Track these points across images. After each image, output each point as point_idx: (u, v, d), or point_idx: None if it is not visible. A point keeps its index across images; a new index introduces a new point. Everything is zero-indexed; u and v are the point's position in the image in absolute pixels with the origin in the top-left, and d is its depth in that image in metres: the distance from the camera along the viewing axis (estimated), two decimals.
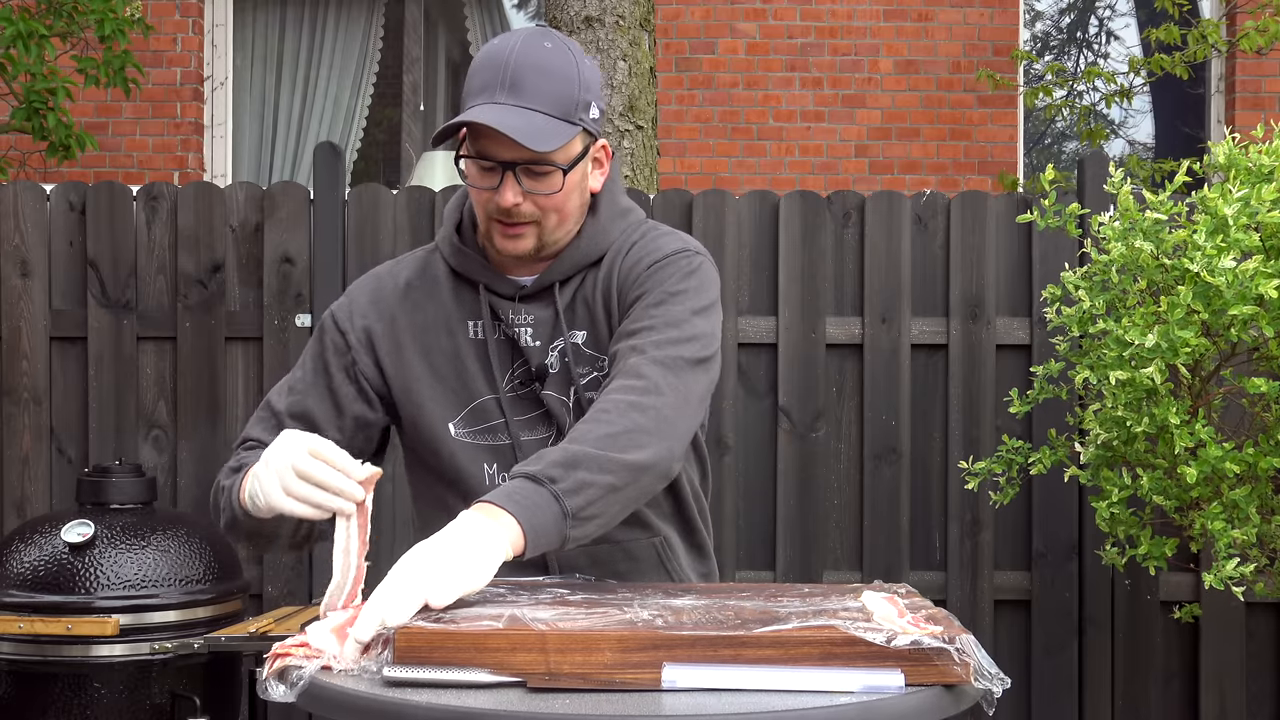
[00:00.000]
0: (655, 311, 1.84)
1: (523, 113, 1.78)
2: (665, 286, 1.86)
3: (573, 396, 1.89)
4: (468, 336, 1.93)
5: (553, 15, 4.21)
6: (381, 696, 1.37)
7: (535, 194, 1.83)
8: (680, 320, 1.83)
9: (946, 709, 1.40)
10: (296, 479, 1.65)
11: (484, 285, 1.92)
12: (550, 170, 1.82)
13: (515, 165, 1.81)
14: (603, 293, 1.91)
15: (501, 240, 1.87)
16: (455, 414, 1.92)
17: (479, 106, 1.80)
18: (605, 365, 1.89)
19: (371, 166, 7.29)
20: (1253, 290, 2.56)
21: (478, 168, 1.84)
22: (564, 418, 1.89)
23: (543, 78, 1.80)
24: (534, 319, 1.91)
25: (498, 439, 1.91)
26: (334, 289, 3.63)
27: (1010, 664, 3.57)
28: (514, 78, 1.80)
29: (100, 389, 3.69)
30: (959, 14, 6.68)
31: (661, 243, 1.92)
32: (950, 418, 3.64)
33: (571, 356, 1.90)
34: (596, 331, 1.91)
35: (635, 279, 1.88)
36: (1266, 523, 2.90)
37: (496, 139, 1.78)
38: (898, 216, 3.66)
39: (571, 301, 1.92)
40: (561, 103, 1.81)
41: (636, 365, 1.77)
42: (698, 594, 1.71)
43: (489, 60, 1.83)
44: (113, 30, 4.88)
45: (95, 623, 2.96)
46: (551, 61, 1.82)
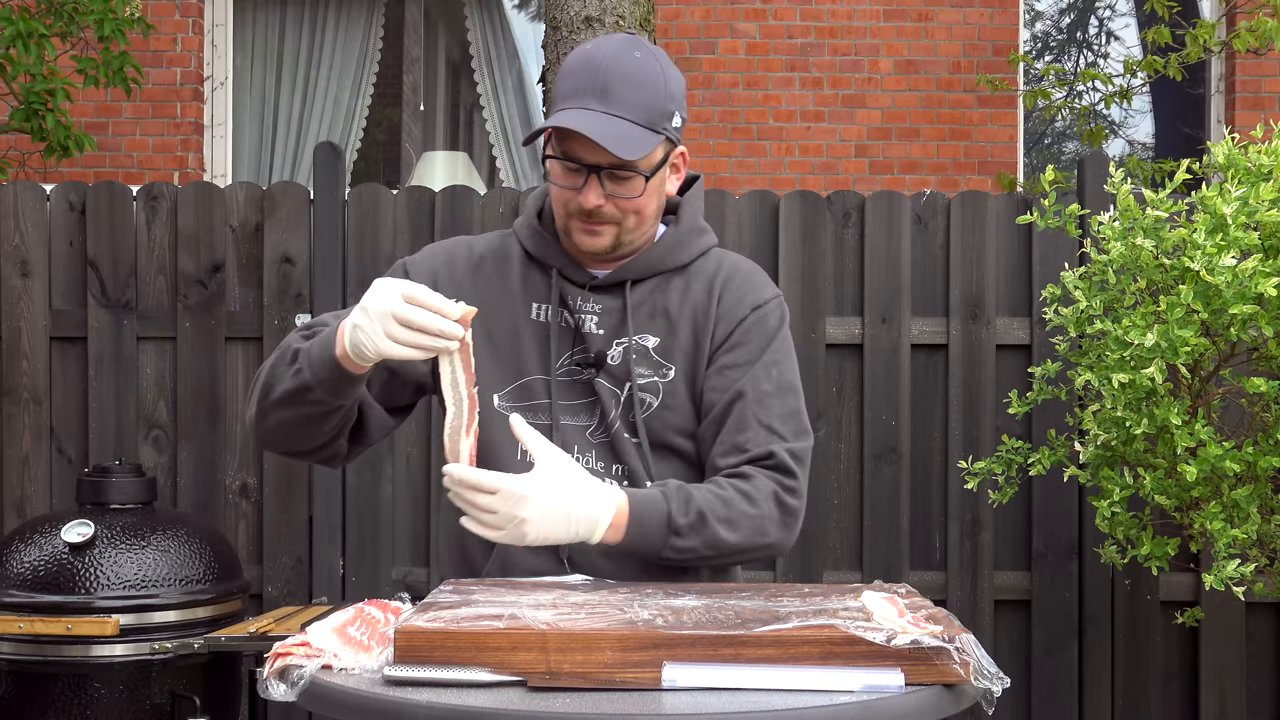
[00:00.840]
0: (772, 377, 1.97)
1: (611, 120, 1.86)
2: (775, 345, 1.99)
3: (626, 392, 1.96)
4: (529, 317, 2.00)
5: (553, 15, 4.21)
6: (382, 696, 1.37)
7: (617, 197, 1.91)
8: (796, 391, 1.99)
9: (946, 709, 1.40)
10: (398, 325, 1.71)
11: (557, 270, 2.00)
12: (633, 175, 1.90)
13: (600, 169, 1.89)
14: (693, 311, 1.99)
15: (580, 236, 1.95)
16: (502, 387, 1.98)
17: (569, 111, 1.88)
18: (669, 374, 1.97)
19: (371, 166, 7.29)
20: (1252, 289, 2.56)
21: (563, 168, 1.92)
22: (611, 408, 1.96)
23: (631, 87, 1.88)
24: (601, 309, 1.99)
25: (538, 418, 1.95)
26: (334, 289, 3.64)
27: (1010, 664, 3.57)
28: (604, 85, 1.88)
29: (100, 389, 3.69)
30: (959, 14, 6.68)
31: (758, 280, 2.04)
32: (950, 418, 3.64)
33: (637, 356, 1.97)
34: (670, 342, 1.98)
35: (739, 317, 1.99)
36: (1266, 522, 2.90)
37: (584, 143, 1.86)
38: (898, 216, 3.66)
39: (645, 304, 2.00)
40: (648, 112, 1.89)
41: (780, 459, 1.92)
42: (698, 594, 1.71)
43: (582, 65, 1.91)
44: (112, 30, 4.88)
45: (95, 623, 2.96)
46: (641, 71, 1.90)
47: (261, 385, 1.90)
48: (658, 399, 1.97)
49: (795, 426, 1.96)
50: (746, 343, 1.98)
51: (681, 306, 2.00)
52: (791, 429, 1.96)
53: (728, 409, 1.95)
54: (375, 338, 1.73)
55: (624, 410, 1.96)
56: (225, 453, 3.69)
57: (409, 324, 1.71)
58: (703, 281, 2.01)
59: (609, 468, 1.96)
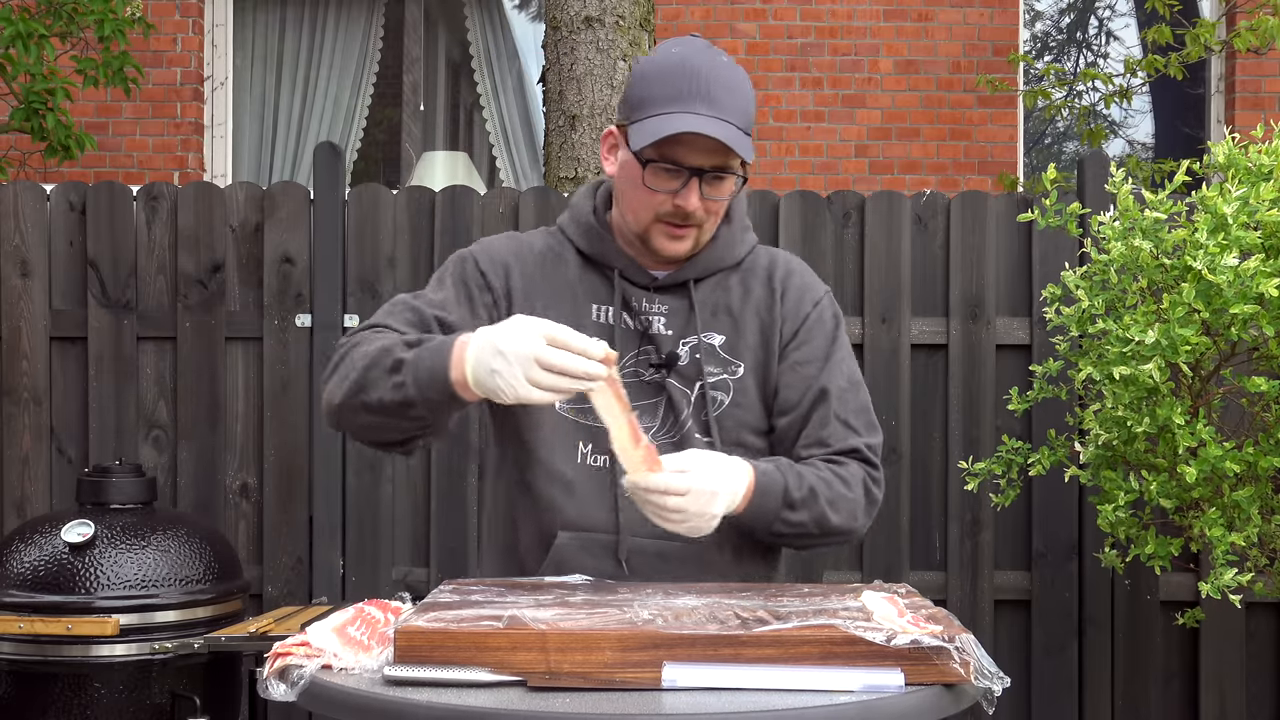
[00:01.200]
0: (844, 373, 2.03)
1: (724, 124, 1.88)
2: (839, 340, 2.06)
3: (697, 391, 1.97)
4: (590, 319, 2.00)
5: (553, 15, 4.21)
6: (382, 696, 1.37)
7: (710, 199, 1.93)
8: (863, 385, 2.07)
9: (946, 708, 1.40)
10: (541, 370, 1.66)
11: (619, 271, 2.00)
12: (727, 178, 1.93)
13: (703, 172, 1.90)
14: (757, 307, 2.02)
15: (663, 242, 1.96)
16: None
17: (683, 115, 1.87)
18: (738, 371, 1.99)
19: (371, 166, 7.29)
20: (1253, 289, 2.56)
21: (662, 172, 1.91)
22: (683, 408, 1.97)
23: (729, 93, 1.91)
24: (668, 309, 2.00)
25: (600, 420, 1.92)
26: (334, 289, 3.64)
27: (1010, 664, 3.57)
28: (708, 90, 1.89)
29: (100, 389, 3.69)
30: (959, 14, 6.68)
31: (812, 276, 2.10)
32: (950, 418, 3.64)
33: (704, 355, 1.98)
34: (737, 339, 2.01)
35: (804, 313, 2.04)
36: (1267, 523, 2.90)
37: (689, 146, 1.88)
38: (898, 216, 3.66)
39: (708, 302, 2.01)
40: (745, 117, 1.92)
41: (863, 453, 2.02)
42: (698, 594, 1.71)
43: (677, 69, 1.91)
44: (112, 30, 4.88)
45: (95, 623, 2.96)
46: (735, 78, 1.93)
47: (353, 383, 1.82)
48: (728, 396, 1.99)
49: (867, 421, 2.04)
50: (813, 339, 2.03)
51: (744, 303, 2.02)
52: (865, 424, 2.04)
53: (811, 407, 2.00)
54: (516, 383, 1.67)
55: (695, 409, 1.97)
56: (225, 453, 3.69)
57: (552, 368, 1.66)
58: (760, 278, 2.04)
59: None
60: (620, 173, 1.97)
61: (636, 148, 1.90)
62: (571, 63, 4.15)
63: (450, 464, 3.64)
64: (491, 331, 1.71)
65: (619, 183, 1.99)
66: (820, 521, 1.92)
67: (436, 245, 3.66)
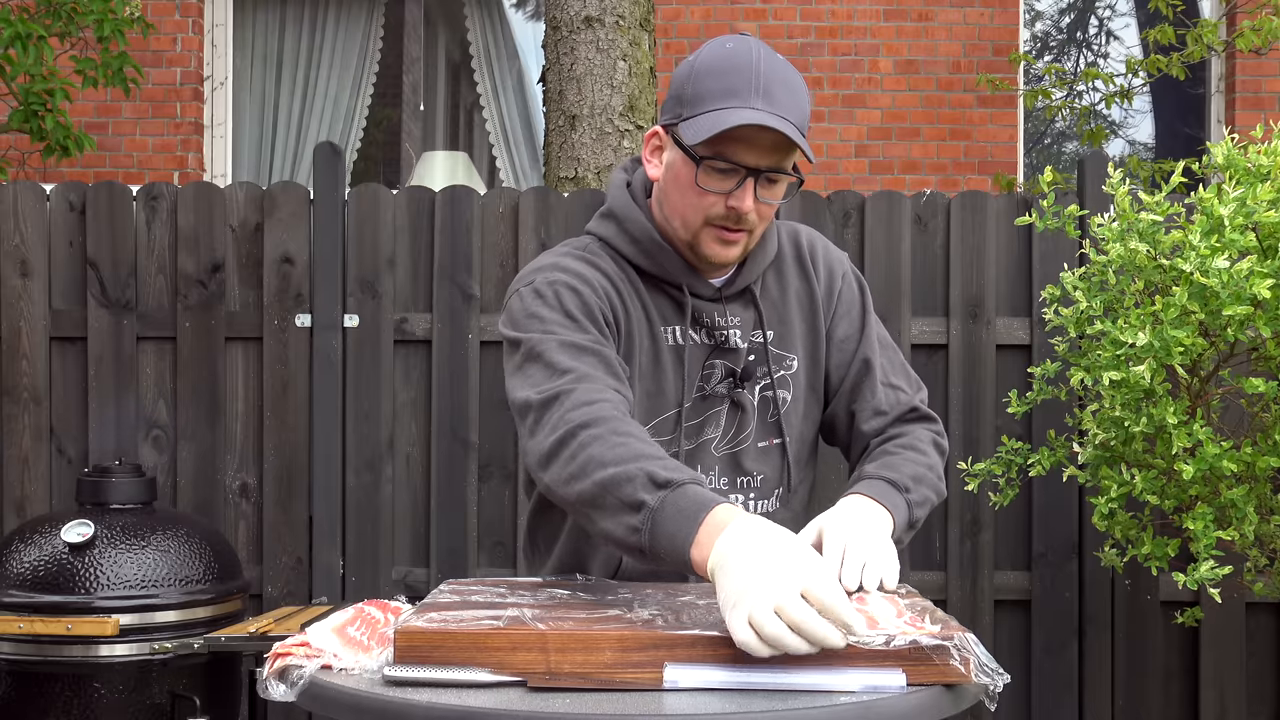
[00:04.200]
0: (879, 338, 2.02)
1: (783, 121, 1.79)
2: (868, 306, 2.04)
3: (758, 395, 1.95)
4: (666, 343, 1.91)
5: (553, 15, 4.21)
6: (382, 696, 1.37)
7: (764, 201, 1.84)
8: (895, 345, 2.07)
9: (946, 709, 1.40)
10: (771, 616, 1.37)
11: (687, 286, 1.91)
12: (782, 179, 1.85)
13: (760, 171, 1.81)
14: (797, 295, 1.99)
15: (716, 246, 1.86)
16: (648, 420, 1.89)
17: (742, 110, 1.77)
18: (793, 364, 1.97)
19: (371, 166, 7.29)
20: (1247, 290, 2.56)
21: (717, 171, 1.82)
22: (752, 416, 1.94)
23: (786, 90, 1.82)
24: (739, 319, 1.95)
25: (671, 448, 1.90)
26: (334, 289, 3.64)
27: (1010, 664, 3.57)
28: (766, 87, 1.80)
29: (100, 389, 3.69)
30: (959, 14, 6.68)
31: (832, 247, 2.07)
32: (950, 418, 3.64)
33: (757, 356, 1.95)
34: (786, 331, 1.98)
35: (836, 289, 2.02)
36: (1265, 522, 2.90)
37: (746, 144, 1.79)
38: (898, 216, 3.66)
39: (763, 301, 1.98)
40: (802, 115, 1.84)
41: (920, 409, 2.01)
42: (698, 594, 1.71)
43: (731, 65, 1.81)
44: (111, 30, 4.88)
45: (95, 623, 2.96)
46: (790, 75, 1.85)
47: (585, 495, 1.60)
48: (789, 393, 1.97)
49: (909, 379, 2.04)
50: (850, 313, 2.02)
51: (784, 293, 1.99)
52: (909, 382, 2.03)
53: (858, 381, 1.99)
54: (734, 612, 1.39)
55: (760, 412, 1.94)
56: (225, 453, 3.69)
57: (788, 620, 1.37)
58: (791, 263, 2.01)
59: (734, 482, 1.94)
60: (667, 174, 1.87)
61: (692, 143, 1.79)
62: (571, 63, 4.15)
63: (450, 464, 3.64)
64: (753, 539, 1.45)
65: (666, 185, 1.88)
66: (935, 490, 1.91)
67: (436, 245, 3.66)
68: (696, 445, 1.93)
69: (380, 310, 3.66)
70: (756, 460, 1.94)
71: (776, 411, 1.95)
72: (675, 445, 1.91)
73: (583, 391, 1.68)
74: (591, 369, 1.73)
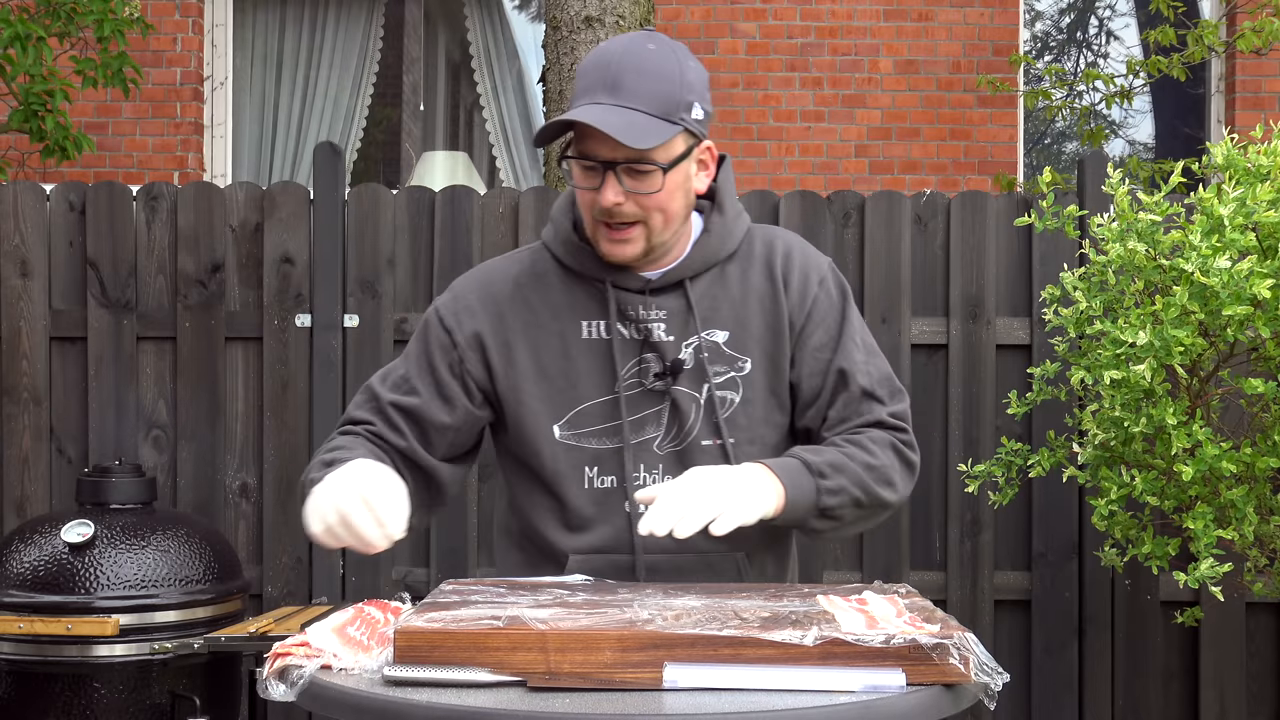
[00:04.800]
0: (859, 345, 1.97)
1: (623, 112, 1.81)
2: (849, 313, 1.99)
3: (705, 394, 1.92)
4: (580, 337, 1.94)
5: (553, 15, 4.21)
6: (381, 696, 1.37)
7: (637, 193, 1.84)
8: (880, 353, 2.01)
9: (946, 708, 1.40)
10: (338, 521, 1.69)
11: (610, 281, 1.93)
12: (651, 169, 1.84)
13: (616, 164, 1.83)
14: (759, 297, 1.96)
15: (608, 245, 1.89)
16: (561, 416, 1.93)
17: (580, 107, 1.83)
18: (745, 366, 1.94)
19: (371, 166, 7.29)
20: (1247, 290, 2.56)
21: (581, 168, 1.86)
22: (690, 414, 1.92)
23: (643, 78, 1.83)
24: (666, 313, 1.93)
25: (602, 442, 1.92)
26: (334, 289, 3.64)
27: (1010, 664, 3.56)
28: (615, 78, 1.83)
29: (100, 389, 3.69)
30: (959, 14, 6.68)
31: (812, 252, 2.03)
32: (950, 418, 3.64)
33: (709, 354, 1.92)
34: (742, 333, 1.95)
35: (811, 295, 1.97)
36: (1265, 523, 2.90)
37: (598, 138, 1.81)
38: (898, 216, 3.66)
39: (706, 298, 1.95)
40: (662, 102, 1.83)
41: (887, 422, 1.94)
42: (698, 594, 1.71)
43: (594, 63, 1.87)
44: (111, 30, 4.88)
45: (95, 623, 2.96)
46: (653, 62, 1.84)
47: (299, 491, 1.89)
48: (738, 395, 1.93)
49: (891, 389, 1.97)
50: (824, 319, 1.97)
51: (745, 294, 1.96)
52: (888, 392, 1.97)
53: (834, 391, 1.95)
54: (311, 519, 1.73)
55: (705, 412, 1.92)
56: (225, 453, 3.69)
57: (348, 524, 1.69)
58: (759, 265, 1.98)
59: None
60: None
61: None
62: (571, 63, 4.15)
63: None
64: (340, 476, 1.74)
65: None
66: (860, 484, 1.85)
67: (436, 245, 3.66)
68: (639, 442, 1.92)
69: (380, 310, 3.66)
70: (700, 459, 1.91)
71: (712, 410, 1.92)
72: (611, 437, 1.91)
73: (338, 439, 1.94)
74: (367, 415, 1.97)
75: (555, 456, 1.92)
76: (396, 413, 1.94)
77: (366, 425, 1.95)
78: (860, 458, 1.87)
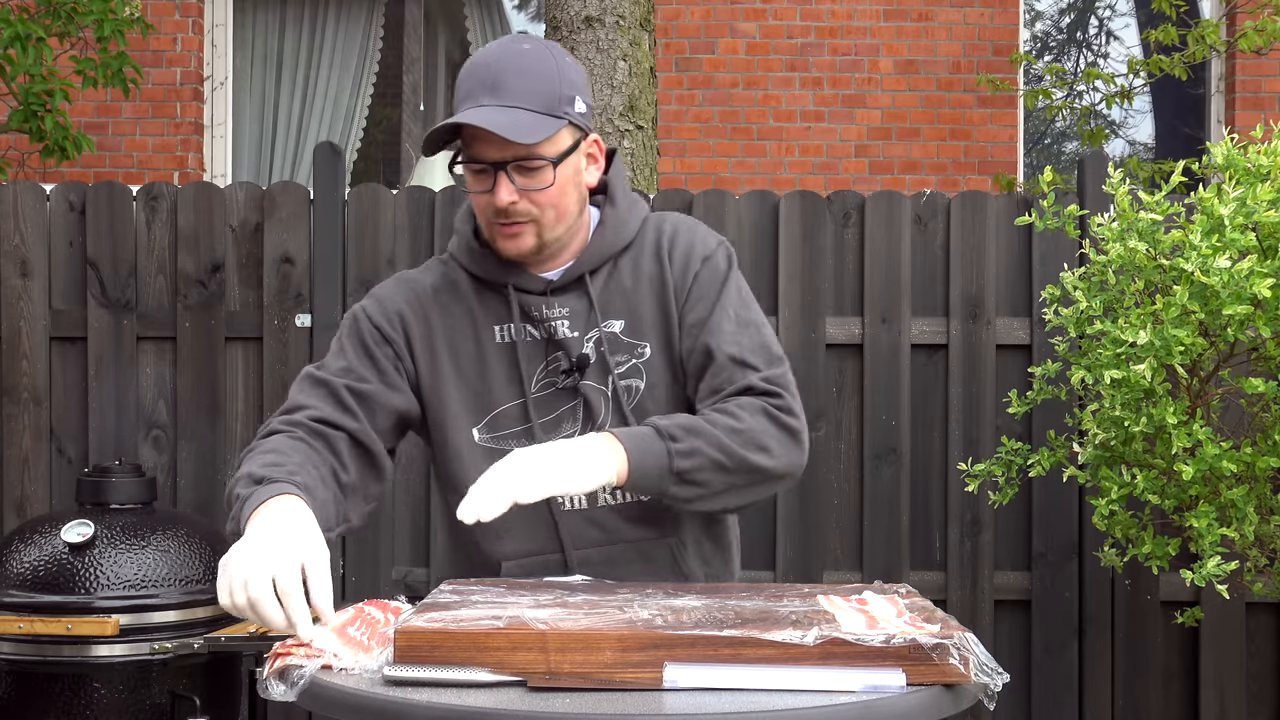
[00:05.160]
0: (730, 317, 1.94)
1: (506, 110, 1.83)
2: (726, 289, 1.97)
3: (611, 385, 1.94)
4: (493, 342, 1.96)
5: (553, 15, 4.21)
6: (382, 696, 1.37)
7: (528, 190, 1.87)
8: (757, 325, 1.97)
9: (946, 708, 1.40)
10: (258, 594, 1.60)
11: (512, 284, 1.96)
12: (541, 165, 1.86)
13: (506, 164, 1.86)
14: (650, 282, 1.97)
15: (503, 241, 1.92)
16: (479, 419, 1.96)
17: (463, 111, 1.86)
18: (645, 352, 1.95)
19: (371, 166, 7.29)
20: (1248, 290, 2.56)
21: (472, 172, 1.89)
22: (600, 407, 1.93)
23: (522, 76, 1.86)
24: (569, 310, 1.95)
25: (520, 443, 1.93)
26: (334, 289, 3.64)
27: (1010, 664, 3.57)
28: (494, 80, 1.85)
29: (100, 389, 3.69)
30: (959, 14, 6.68)
31: (702, 233, 2.02)
32: (950, 418, 3.64)
33: (608, 345, 1.94)
34: (637, 320, 1.96)
35: (693, 273, 1.97)
36: (1265, 523, 2.90)
37: (485, 140, 1.84)
38: (898, 216, 3.66)
39: (605, 291, 1.97)
40: (543, 98, 1.86)
41: (758, 387, 1.89)
42: (698, 594, 1.71)
43: (471, 69, 1.90)
44: (111, 30, 4.88)
45: (95, 623, 2.95)
46: (529, 61, 1.88)
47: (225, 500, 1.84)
48: (642, 381, 1.95)
49: (767, 356, 1.94)
50: (702, 297, 1.96)
51: (637, 281, 1.97)
52: (763, 359, 1.93)
53: (702, 365, 1.93)
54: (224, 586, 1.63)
55: (614, 405, 1.93)
56: (225, 453, 3.69)
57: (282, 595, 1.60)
58: (649, 250, 1.99)
59: None
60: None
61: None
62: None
63: None
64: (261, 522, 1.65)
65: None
66: (719, 446, 1.81)
67: (436, 245, 3.66)
68: (558, 439, 1.92)
69: None
70: None
71: (619, 401, 1.93)
72: (527, 439, 1.93)
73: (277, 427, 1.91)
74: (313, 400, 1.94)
75: (475, 460, 1.93)
76: (349, 395, 1.94)
77: (310, 411, 1.92)
78: (722, 422, 1.83)
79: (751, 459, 1.83)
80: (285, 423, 1.92)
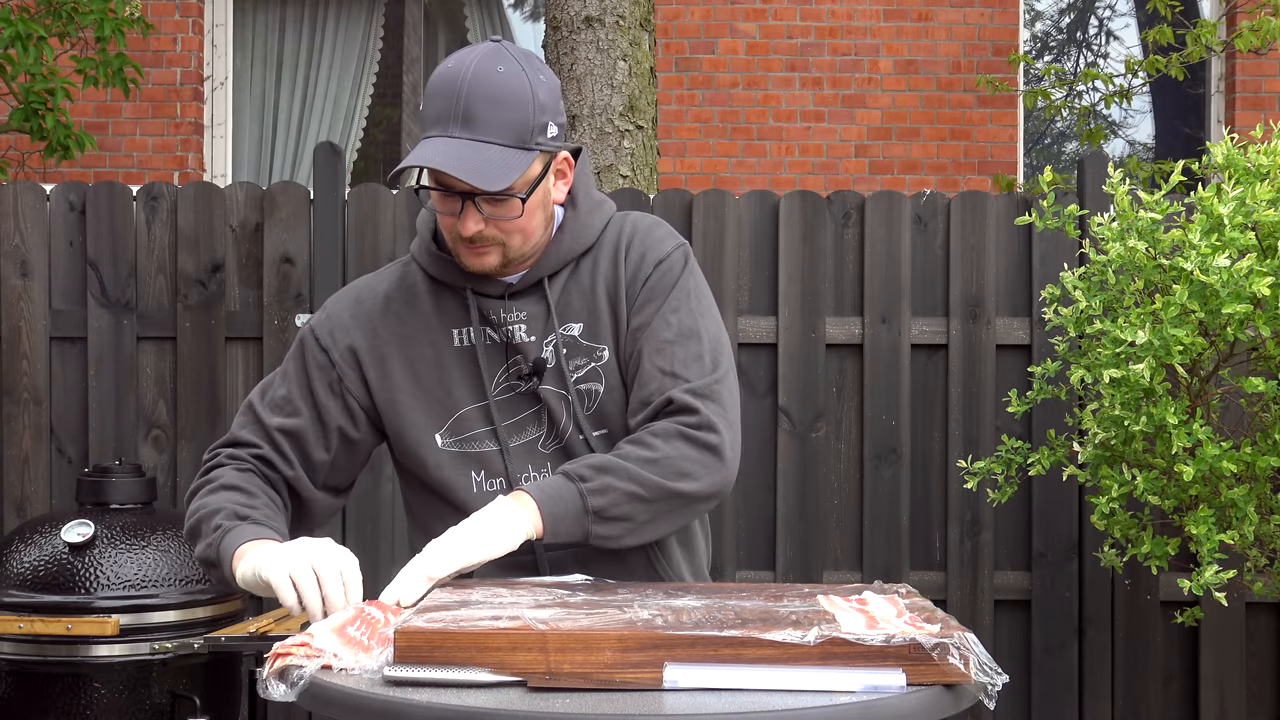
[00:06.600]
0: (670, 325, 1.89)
1: (476, 147, 1.78)
2: (674, 293, 1.92)
3: (571, 390, 1.91)
4: (451, 345, 1.94)
5: (553, 15, 4.21)
6: (382, 696, 1.37)
7: (497, 219, 1.85)
8: (698, 335, 1.90)
9: (946, 708, 1.40)
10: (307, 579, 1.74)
11: (470, 288, 1.94)
12: (509, 198, 1.83)
13: (474, 195, 1.82)
14: (605, 284, 1.94)
15: (468, 259, 1.90)
16: (440, 424, 1.94)
17: (434, 141, 1.80)
18: (604, 355, 1.92)
19: (371, 166, 7.29)
20: (1247, 289, 2.56)
21: (438, 196, 1.86)
22: (561, 412, 1.91)
23: (496, 108, 1.79)
24: (526, 314, 1.93)
25: (484, 446, 1.92)
26: (334, 289, 3.63)
27: (1010, 664, 3.57)
28: (466, 110, 1.79)
29: (100, 389, 3.69)
30: (959, 14, 6.68)
31: (659, 234, 1.97)
32: (950, 418, 3.64)
33: (567, 349, 1.91)
34: (595, 322, 1.93)
35: (644, 276, 1.93)
36: (1265, 522, 2.90)
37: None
38: (898, 216, 3.66)
39: (563, 294, 1.94)
40: (516, 130, 1.81)
41: (679, 400, 1.84)
42: (698, 594, 1.71)
43: (443, 87, 1.82)
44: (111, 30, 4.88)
45: (95, 623, 2.96)
46: (505, 89, 1.81)
47: (189, 527, 1.90)
48: (601, 384, 1.92)
49: (699, 369, 1.87)
50: (649, 300, 1.91)
51: (595, 283, 1.94)
52: (695, 371, 1.87)
53: (637, 370, 1.89)
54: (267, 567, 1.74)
55: (579, 406, 1.91)
56: None
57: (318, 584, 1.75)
58: (609, 252, 1.95)
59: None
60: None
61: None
62: (571, 63, 4.15)
63: None
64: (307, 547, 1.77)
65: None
66: (636, 480, 1.78)
67: None
68: (524, 443, 1.92)
69: None
70: (583, 453, 1.90)
71: (577, 406, 1.91)
72: (495, 440, 1.91)
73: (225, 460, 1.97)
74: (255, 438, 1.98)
75: (440, 465, 1.92)
76: (283, 437, 1.96)
77: (253, 449, 1.96)
78: (634, 454, 1.80)
79: (670, 486, 1.80)
80: (231, 456, 1.96)
